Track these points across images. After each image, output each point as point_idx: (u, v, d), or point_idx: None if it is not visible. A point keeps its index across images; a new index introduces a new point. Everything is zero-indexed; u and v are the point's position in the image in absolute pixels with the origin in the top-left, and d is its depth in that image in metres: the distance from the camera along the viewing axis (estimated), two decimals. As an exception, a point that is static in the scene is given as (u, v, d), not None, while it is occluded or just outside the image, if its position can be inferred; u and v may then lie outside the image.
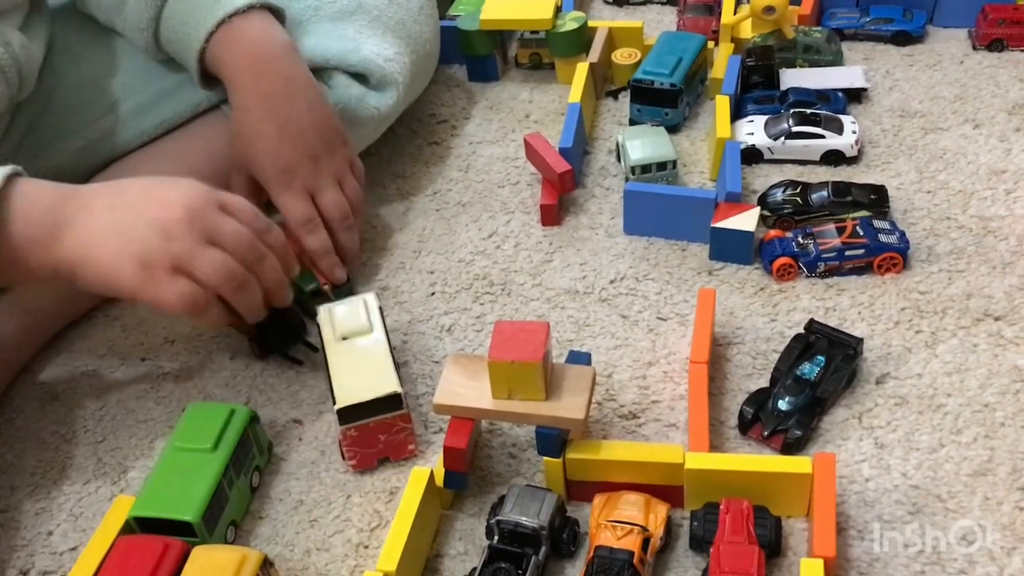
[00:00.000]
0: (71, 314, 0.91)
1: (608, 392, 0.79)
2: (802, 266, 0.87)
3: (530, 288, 0.91)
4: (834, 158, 1.00)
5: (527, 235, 0.97)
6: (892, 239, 0.86)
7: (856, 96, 1.08)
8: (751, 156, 1.01)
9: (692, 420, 0.72)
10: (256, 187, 0.89)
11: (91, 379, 0.87)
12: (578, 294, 0.89)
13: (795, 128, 1.00)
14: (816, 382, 0.75)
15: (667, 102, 1.05)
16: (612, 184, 1.01)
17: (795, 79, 1.09)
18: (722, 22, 1.15)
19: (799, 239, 0.88)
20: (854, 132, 0.99)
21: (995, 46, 1.14)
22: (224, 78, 0.87)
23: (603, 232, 0.96)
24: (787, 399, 0.74)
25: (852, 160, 1.00)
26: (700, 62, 1.09)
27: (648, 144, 0.99)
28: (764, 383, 0.78)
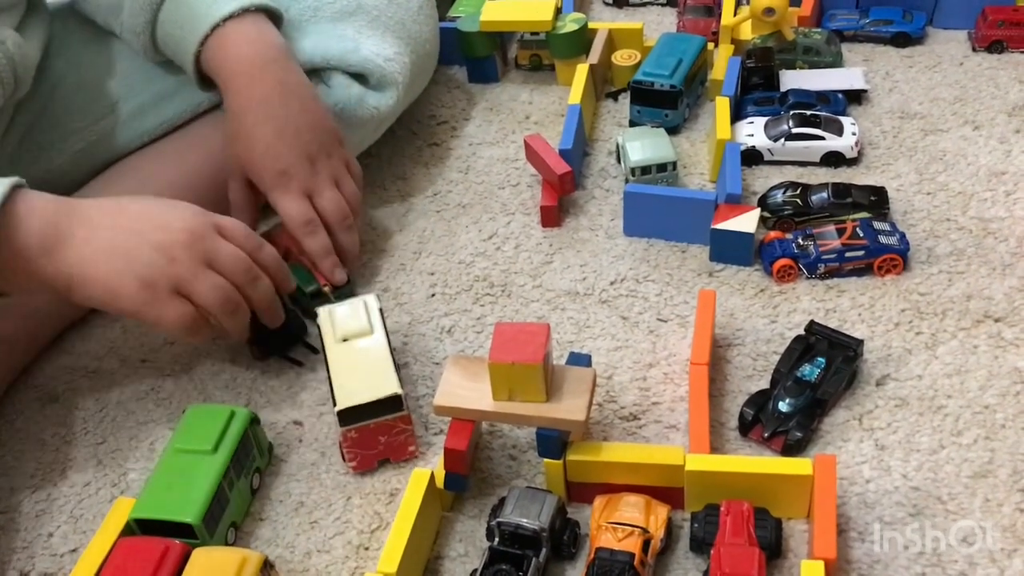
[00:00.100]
0: (71, 315, 0.91)
1: (608, 394, 0.79)
2: (802, 267, 0.87)
3: (530, 289, 0.91)
4: (834, 159, 1.00)
5: (527, 236, 0.97)
6: (892, 241, 0.86)
7: (856, 97, 1.08)
8: (751, 157, 1.01)
9: (692, 422, 0.72)
10: (253, 190, 0.89)
11: (91, 380, 0.87)
12: (578, 295, 0.89)
13: (795, 129, 1.00)
14: (816, 384, 0.75)
15: (667, 103, 1.05)
16: (612, 185, 1.01)
17: (795, 80, 1.09)
18: (722, 23, 1.15)
19: (799, 240, 0.88)
20: (854, 134, 0.99)
21: (995, 48, 1.14)
22: (219, 82, 0.87)
23: (603, 233, 0.96)
24: (787, 401, 0.74)
25: (852, 162, 1.00)
26: (700, 63, 1.09)
27: (648, 145, 0.99)
28: (764, 385, 0.78)
